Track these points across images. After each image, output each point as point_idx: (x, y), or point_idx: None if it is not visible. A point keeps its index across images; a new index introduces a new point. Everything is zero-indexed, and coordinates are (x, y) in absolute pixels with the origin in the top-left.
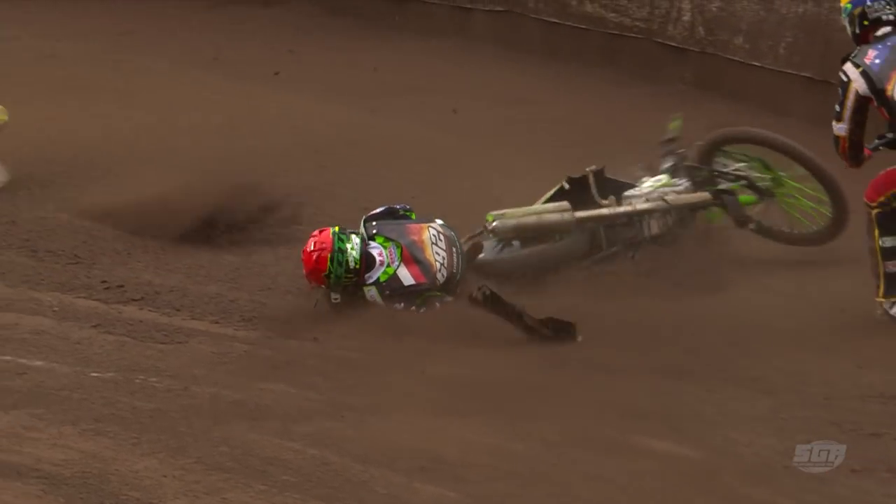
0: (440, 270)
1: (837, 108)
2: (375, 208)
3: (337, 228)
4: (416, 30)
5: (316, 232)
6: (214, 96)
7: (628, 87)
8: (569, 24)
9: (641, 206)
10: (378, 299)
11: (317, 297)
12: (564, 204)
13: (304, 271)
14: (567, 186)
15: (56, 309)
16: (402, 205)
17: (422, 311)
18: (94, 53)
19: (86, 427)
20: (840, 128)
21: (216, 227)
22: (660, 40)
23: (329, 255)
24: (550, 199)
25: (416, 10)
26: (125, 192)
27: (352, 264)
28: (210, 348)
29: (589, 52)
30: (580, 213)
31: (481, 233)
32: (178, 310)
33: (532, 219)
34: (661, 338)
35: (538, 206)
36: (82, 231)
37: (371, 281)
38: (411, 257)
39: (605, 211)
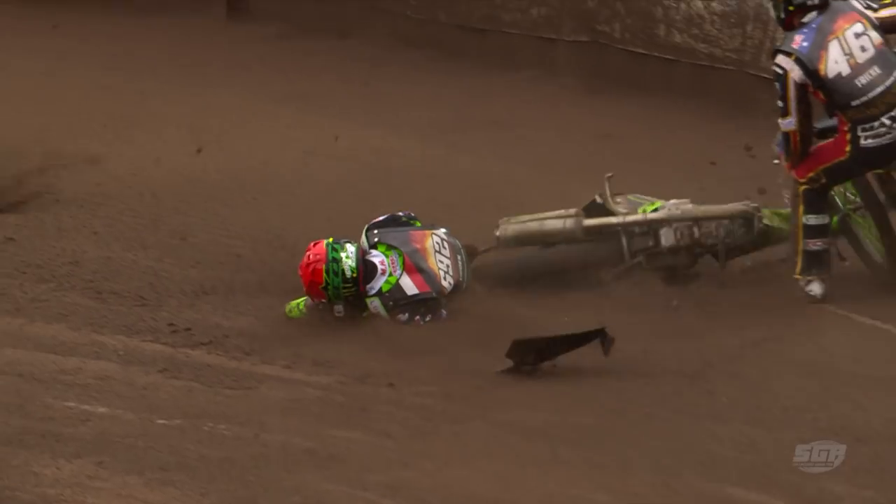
0: (445, 278)
1: (780, 103)
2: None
3: (331, 239)
4: (498, 61)
5: (311, 245)
6: (287, 131)
7: (719, 120)
8: (656, 55)
9: (653, 215)
10: (382, 311)
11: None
12: (573, 210)
13: (304, 287)
14: (599, 200)
15: (121, 353)
16: (406, 212)
17: (427, 319)
18: (161, 87)
19: (152, 476)
20: (788, 122)
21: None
22: (752, 72)
23: (324, 267)
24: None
25: (498, 41)
26: (192, 233)
27: (348, 273)
28: (281, 394)
29: (678, 84)
30: (589, 221)
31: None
32: (247, 354)
33: (534, 225)
34: (733, 379)
35: (544, 214)
36: (148, 271)
37: (373, 292)
38: (414, 266)
39: (613, 219)
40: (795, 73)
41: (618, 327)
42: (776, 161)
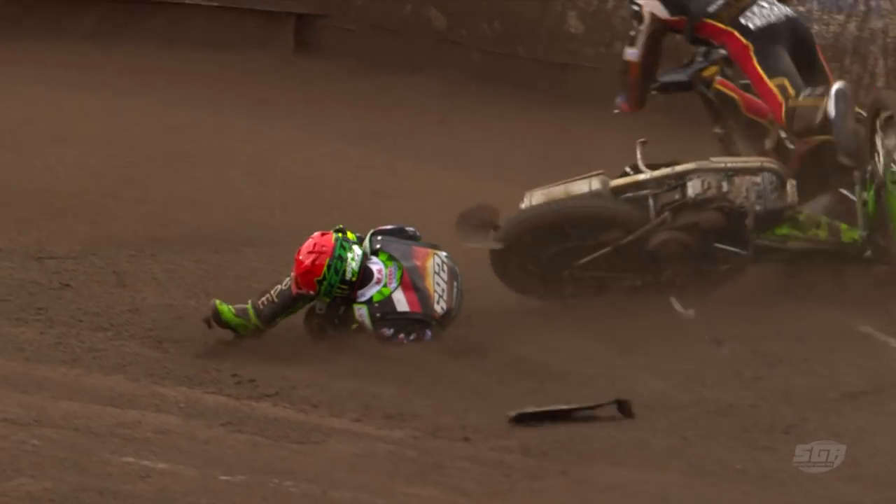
0: (438, 302)
1: (632, 33)
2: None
3: (339, 234)
4: (579, 97)
5: (317, 234)
6: (356, 171)
7: None
8: None
9: (681, 168)
10: (367, 321)
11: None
12: (597, 172)
13: (294, 273)
14: (630, 170)
15: (182, 405)
16: (412, 229)
17: (411, 338)
18: (224, 124)
19: None
20: (633, 53)
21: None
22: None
23: (327, 261)
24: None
25: (580, 77)
26: (256, 278)
27: (349, 275)
28: (350, 449)
29: None
30: (616, 181)
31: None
32: (315, 406)
33: (560, 189)
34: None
35: (569, 179)
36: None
37: (363, 299)
38: (410, 283)
39: (640, 176)
40: (653, 5)
41: (688, 372)
42: (616, 111)
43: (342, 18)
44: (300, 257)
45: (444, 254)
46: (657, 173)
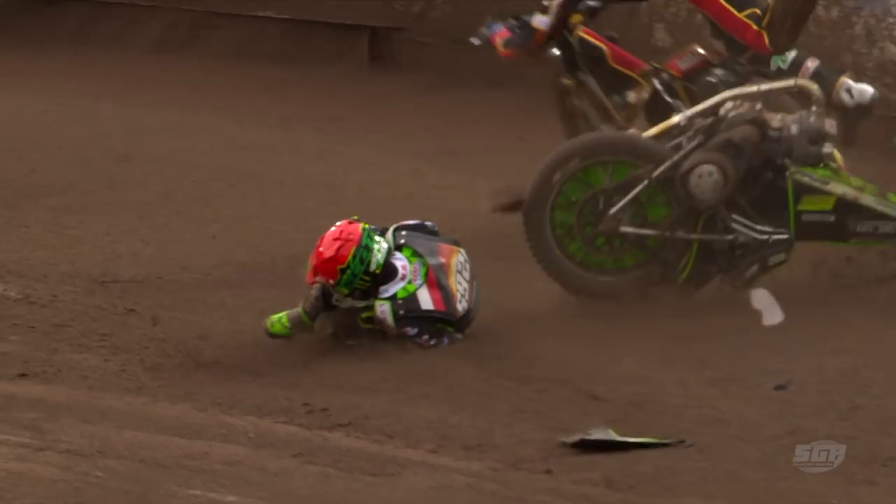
0: (460, 301)
1: (546, 2)
2: None
3: (367, 225)
4: None
5: (344, 222)
6: (433, 190)
7: None
8: None
9: (712, 100)
10: (389, 318)
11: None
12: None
13: (314, 261)
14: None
15: (251, 436)
16: (432, 224)
17: (432, 343)
18: (296, 142)
19: None
20: (542, 21)
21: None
22: None
23: (353, 249)
24: None
25: None
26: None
27: (373, 267)
28: (427, 481)
29: (874, 139)
30: (650, 131)
31: None
32: (390, 437)
33: None
34: None
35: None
36: (281, 346)
37: (386, 295)
38: (436, 281)
39: (675, 118)
40: None
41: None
42: (476, 41)
43: (419, 31)
44: (322, 245)
45: (464, 251)
46: (693, 110)
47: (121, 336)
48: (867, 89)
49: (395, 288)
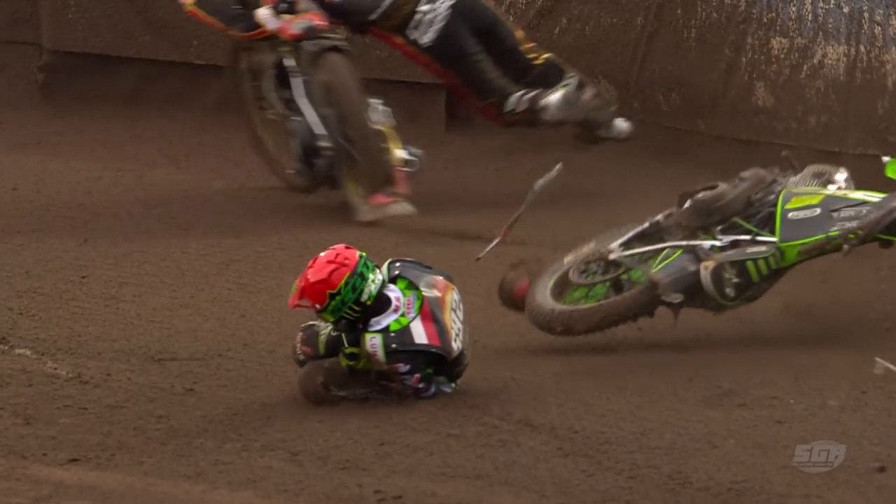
0: (455, 340)
1: None
2: None
3: (364, 254)
4: None
5: (340, 246)
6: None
7: None
8: None
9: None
10: (380, 352)
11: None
12: None
13: (301, 283)
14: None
15: None
16: (429, 266)
17: (421, 386)
18: None
19: None
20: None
21: None
22: None
23: (347, 275)
24: None
25: (767, 154)
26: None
27: (364, 297)
28: None
29: None
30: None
31: None
32: None
33: None
34: None
35: None
36: (353, 429)
37: (378, 328)
38: (431, 314)
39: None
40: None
41: None
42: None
43: None
44: (313, 267)
45: (457, 291)
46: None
47: (179, 418)
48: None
49: (387, 320)
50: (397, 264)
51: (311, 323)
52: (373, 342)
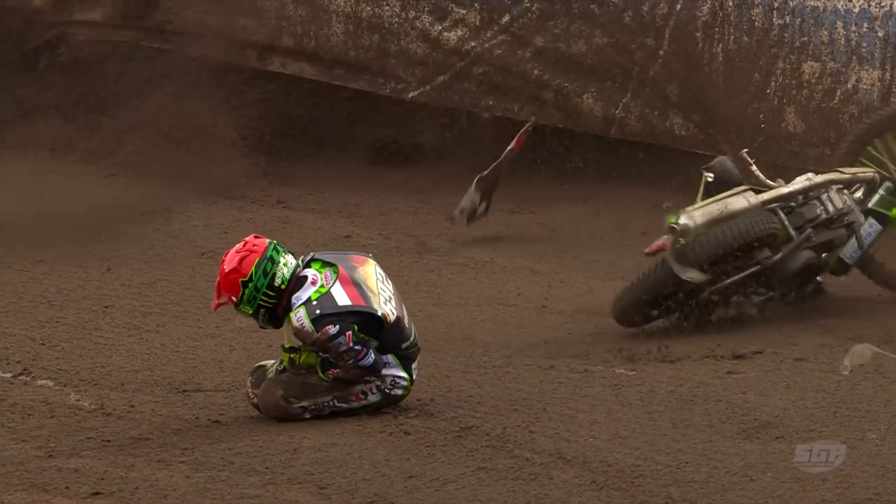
0: (385, 304)
1: None
2: None
3: (275, 241)
4: None
5: (251, 236)
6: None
7: None
8: None
9: (818, 179)
10: (306, 322)
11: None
12: (744, 187)
13: (218, 278)
14: (710, 178)
15: None
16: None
17: (357, 348)
18: (397, 238)
19: None
20: None
21: None
22: None
23: (257, 260)
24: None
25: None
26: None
27: (278, 281)
28: None
29: None
30: (762, 196)
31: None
32: None
33: (718, 207)
34: None
35: (719, 196)
36: (381, 461)
37: (300, 302)
38: (349, 278)
39: (784, 189)
40: None
41: None
42: None
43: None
44: (224, 259)
45: (379, 266)
46: (798, 186)
47: (203, 450)
48: None
49: (307, 293)
50: (311, 253)
51: (258, 364)
52: (298, 315)
